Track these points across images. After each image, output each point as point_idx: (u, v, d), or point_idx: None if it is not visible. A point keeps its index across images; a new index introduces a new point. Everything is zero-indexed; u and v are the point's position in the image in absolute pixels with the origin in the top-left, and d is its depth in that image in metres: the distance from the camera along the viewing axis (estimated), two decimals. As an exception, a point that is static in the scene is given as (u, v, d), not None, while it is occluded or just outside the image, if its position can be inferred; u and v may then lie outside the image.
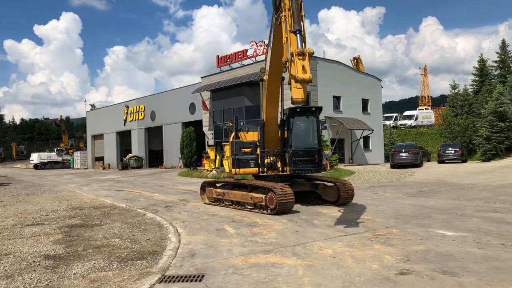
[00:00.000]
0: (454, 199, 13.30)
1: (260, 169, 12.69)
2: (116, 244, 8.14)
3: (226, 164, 15.40)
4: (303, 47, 8.03)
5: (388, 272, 5.77)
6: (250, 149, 12.73)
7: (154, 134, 45.44)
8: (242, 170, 12.72)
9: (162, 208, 13.10)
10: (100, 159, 53.25)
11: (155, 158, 46.07)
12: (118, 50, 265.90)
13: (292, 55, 7.90)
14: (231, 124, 13.99)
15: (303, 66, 7.79)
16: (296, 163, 12.01)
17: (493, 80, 38.90)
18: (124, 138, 49.76)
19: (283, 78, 12.16)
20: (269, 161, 12.72)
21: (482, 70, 40.60)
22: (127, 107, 48.11)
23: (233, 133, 13.31)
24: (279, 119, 13.01)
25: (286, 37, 8.53)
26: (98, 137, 54.35)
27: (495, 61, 40.75)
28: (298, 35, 8.31)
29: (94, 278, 6.00)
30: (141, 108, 45.79)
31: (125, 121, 48.37)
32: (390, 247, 7.18)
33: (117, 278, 5.96)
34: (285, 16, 8.74)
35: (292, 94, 8.21)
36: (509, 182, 17.76)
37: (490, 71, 40.55)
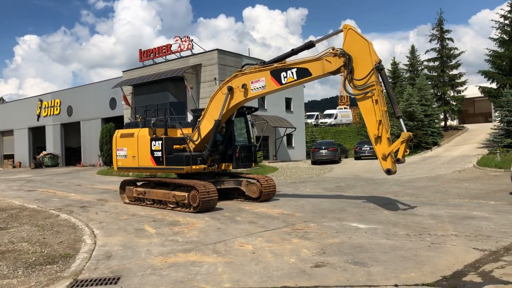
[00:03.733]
0: (368, 193, 14.14)
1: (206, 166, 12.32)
2: (23, 248, 7.55)
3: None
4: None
5: (304, 265, 5.98)
6: (182, 146, 12.40)
7: (71, 131, 42.89)
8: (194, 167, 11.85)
9: (78, 209, 12.41)
10: (9, 157, 49.13)
11: (72, 156, 43.50)
12: (30, 39, 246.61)
13: (404, 141, 9.57)
14: (140, 119, 13.46)
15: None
16: (240, 159, 12.74)
17: (404, 82, 41.95)
18: (37, 134, 46.35)
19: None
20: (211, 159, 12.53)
21: (394, 72, 43.61)
22: (41, 101, 44.89)
23: (151, 129, 12.66)
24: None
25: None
26: (7, 133, 50.07)
27: (406, 65, 43.99)
28: (401, 120, 10.16)
29: (-5, 287, 5.51)
30: (57, 103, 42.99)
31: (39, 116, 45.11)
32: (307, 241, 7.45)
33: (22, 285, 5.53)
34: (377, 99, 9.97)
35: (389, 166, 9.77)
36: (416, 177, 19.29)
37: (401, 74, 43.68)
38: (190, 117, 21.84)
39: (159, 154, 12.13)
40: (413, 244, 6.98)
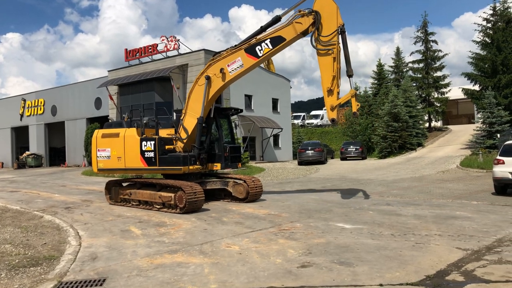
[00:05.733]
0: (353, 193, 14.26)
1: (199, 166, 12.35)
2: (6, 250, 7.44)
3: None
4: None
5: (290, 265, 6.01)
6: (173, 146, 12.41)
7: (55, 131, 42.26)
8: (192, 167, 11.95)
9: (62, 210, 12.26)
10: (-9, 157, 48.17)
11: (56, 156, 42.84)
12: (12, 37, 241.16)
13: (353, 96, 11.06)
14: (127, 118, 13.33)
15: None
16: (229, 159, 12.87)
17: (389, 83, 42.36)
18: (20, 134, 45.54)
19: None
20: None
21: (380, 74, 44.01)
22: (24, 100, 44.13)
23: (138, 129, 12.56)
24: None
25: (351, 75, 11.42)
26: (-11, 133, 49.08)
27: (391, 66, 44.43)
28: (351, 79, 11.44)
29: (-23, 289, 5.42)
30: (41, 102, 42.31)
31: (22, 115, 44.32)
32: (293, 241, 7.49)
33: (5, 288, 5.46)
34: (335, 57, 11.09)
35: (334, 116, 11.31)
36: (401, 177, 19.51)
37: (386, 75, 44.11)
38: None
39: (151, 154, 11.96)
40: (397, 244, 7.07)
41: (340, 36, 11.16)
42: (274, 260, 6.29)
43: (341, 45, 11.20)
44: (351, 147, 33.65)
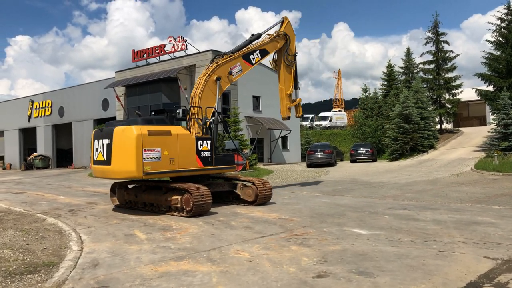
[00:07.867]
0: (366, 197, 13.77)
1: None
2: (4, 255, 7.06)
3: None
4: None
5: (305, 275, 5.56)
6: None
7: (62, 132, 42.19)
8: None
9: (66, 212, 11.91)
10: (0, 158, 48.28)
11: (64, 158, 42.77)
12: (22, 40, 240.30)
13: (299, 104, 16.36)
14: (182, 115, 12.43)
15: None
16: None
17: (399, 84, 41.70)
18: (28, 135, 45.56)
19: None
20: None
21: (390, 75, 43.39)
22: (32, 102, 44.14)
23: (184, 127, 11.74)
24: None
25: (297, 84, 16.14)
26: (-3, 134, 49.19)
27: (401, 67, 43.80)
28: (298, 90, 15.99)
29: (-31, 299, 5.04)
30: (48, 104, 42.27)
31: (30, 117, 44.34)
32: (307, 248, 7.04)
33: (-2, 298, 5.07)
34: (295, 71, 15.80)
35: (289, 114, 15.89)
36: (414, 180, 18.96)
37: (397, 76, 43.46)
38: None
39: (207, 154, 11.66)
40: (419, 251, 6.59)
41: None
42: (287, 269, 5.84)
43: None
44: (361, 149, 33.09)
